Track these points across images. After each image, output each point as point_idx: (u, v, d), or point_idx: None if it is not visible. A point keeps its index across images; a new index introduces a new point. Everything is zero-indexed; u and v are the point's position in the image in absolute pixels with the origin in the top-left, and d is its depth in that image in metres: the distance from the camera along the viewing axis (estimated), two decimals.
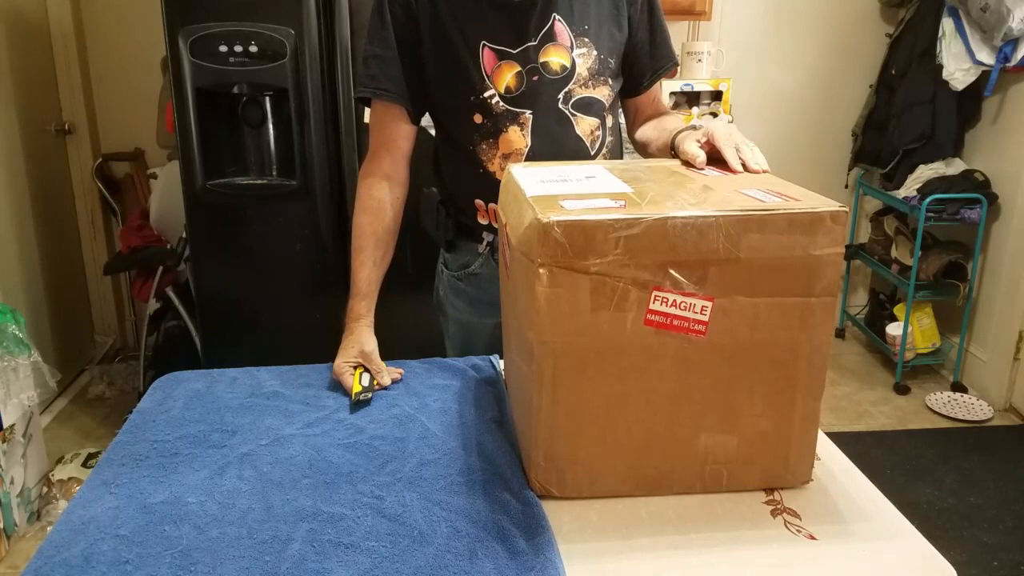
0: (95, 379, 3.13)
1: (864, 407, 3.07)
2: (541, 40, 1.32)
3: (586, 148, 1.37)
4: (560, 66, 1.33)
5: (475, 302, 1.48)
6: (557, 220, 0.84)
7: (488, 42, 1.32)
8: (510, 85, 1.32)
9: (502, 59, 1.32)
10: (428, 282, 1.63)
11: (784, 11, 3.37)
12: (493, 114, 1.34)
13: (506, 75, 1.32)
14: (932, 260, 3.10)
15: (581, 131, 1.36)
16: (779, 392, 0.93)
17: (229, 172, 2.31)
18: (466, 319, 1.51)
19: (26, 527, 2.26)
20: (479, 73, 1.32)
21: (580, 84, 1.35)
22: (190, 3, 2.14)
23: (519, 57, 1.32)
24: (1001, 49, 2.84)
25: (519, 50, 1.32)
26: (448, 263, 1.53)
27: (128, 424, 1.14)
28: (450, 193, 1.47)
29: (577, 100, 1.35)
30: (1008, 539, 2.26)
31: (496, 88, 1.32)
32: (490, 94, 1.33)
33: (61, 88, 3.12)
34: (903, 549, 0.89)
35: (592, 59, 1.35)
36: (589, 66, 1.34)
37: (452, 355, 1.55)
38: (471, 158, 1.37)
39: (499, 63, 1.32)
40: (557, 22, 1.32)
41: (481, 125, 1.35)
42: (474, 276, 1.47)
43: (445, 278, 1.54)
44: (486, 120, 1.34)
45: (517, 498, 0.94)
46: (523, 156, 1.35)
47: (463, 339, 1.54)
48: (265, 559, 0.85)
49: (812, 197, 0.91)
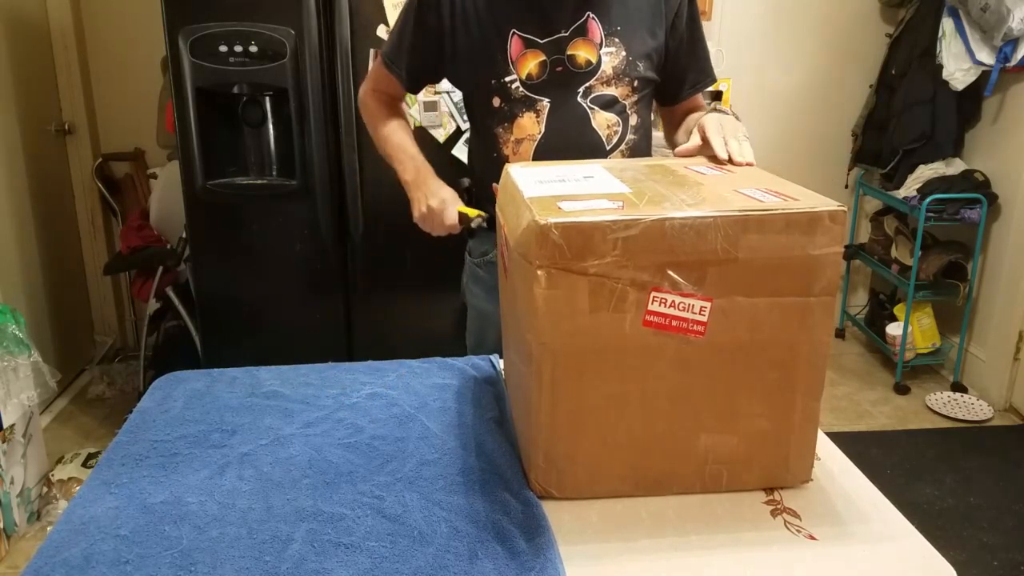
0: (95, 379, 3.13)
1: (864, 407, 3.07)
2: (572, 33, 1.36)
3: (601, 142, 1.39)
4: (585, 61, 1.37)
5: (492, 290, 1.49)
6: (555, 222, 0.84)
7: (518, 30, 1.36)
8: (532, 72, 1.36)
9: (529, 47, 1.36)
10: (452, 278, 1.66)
11: (784, 11, 3.37)
12: (511, 99, 1.38)
13: (530, 62, 1.36)
14: (932, 260, 3.10)
15: (597, 124, 1.38)
16: (779, 392, 0.93)
17: (229, 172, 2.31)
18: (483, 307, 1.54)
19: (26, 527, 2.26)
20: (504, 58, 1.36)
21: (603, 81, 1.38)
22: (190, 3, 2.14)
23: (546, 47, 1.36)
24: (1001, 49, 2.84)
25: (547, 40, 1.36)
26: (471, 250, 1.56)
27: (128, 424, 1.14)
28: (476, 179, 1.51)
29: (597, 96, 1.38)
30: (1008, 539, 2.26)
31: (518, 74, 1.37)
32: (511, 79, 1.37)
33: (61, 88, 3.12)
34: (903, 549, 0.89)
35: (620, 59, 1.38)
36: (615, 65, 1.38)
37: (470, 343, 1.60)
38: (488, 142, 1.42)
39: (525, 51, 1.36)
40: (591, 20, 1.36)
41: (499, 109, 1.39)
42: (492, 264, 1.50)
43: (468, 265, 1.58)
44: (504, 104, 1.38)
45: (517, 498, 0.94)
46: (535, 143, 1.38)
47: (479, 327, 1.56)
48: (265, 559, 0.85)
49: (811, 196, 0.91)
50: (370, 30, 2.20)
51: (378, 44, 2.21)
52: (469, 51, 1.38)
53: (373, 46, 2.21)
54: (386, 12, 2.19)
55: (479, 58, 1.38)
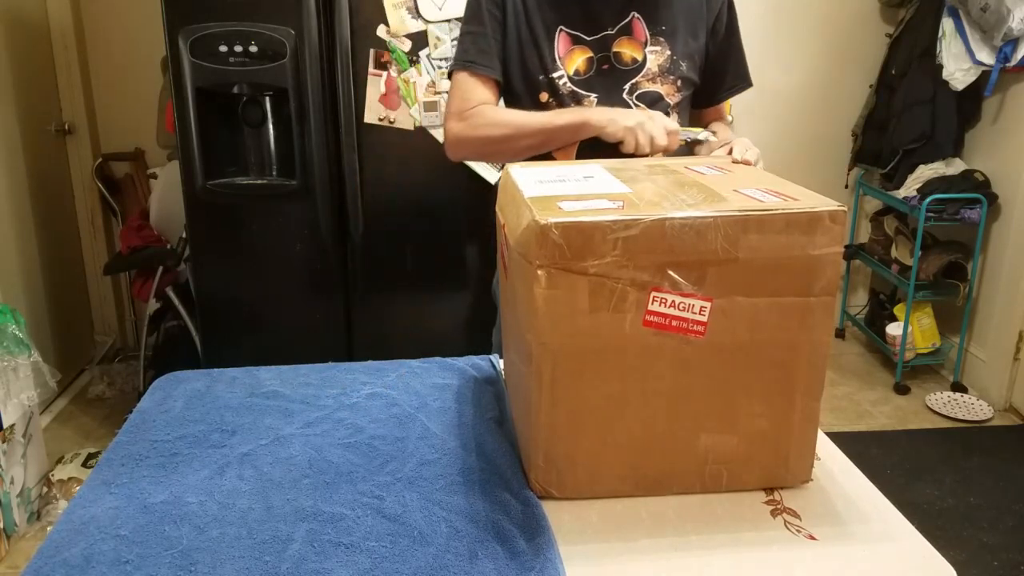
0: (95, 379, 3.13)
1: (864, 407, 3.07)
2: (618, 31, 1.39)
3: None
4: (631, 58, 1.40)
5: None
6: (555, 221, 0.84)
7: (565, 27, 1.39)
8: (579, 68, 1.40)
9: (576, 44, 1.39)
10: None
11: (784, 11, 3.37)
12: (559, 94, 1.41)
13: (577, 59, 1.40)
14: (932, 260, 3.10)
15: None
16: (778, 392, 0.93)
17: (229, 172, 2.31)
18: None
19: (26, 527, 2.26)
20: (551, 54, 1.39)
21: (648, 79, 1.41)
22: (190, 3, 2.14)
23: (593, 44, 1.40)
24: (1001, 49, 2.84)
25: (594, 38, 1.39)
26: None
27: (128, 424, 1.14)
28: None
29: (643, 93, 1.41)
30: (1008, 539, 2.26)
31: (565, 70, 1.40)
32: (559, 75, 1.40)
33: (61, 88, 3.12)
34: (903, 549, 0.89)
35: (664, 58, 1.41)
36: (660, 63, 1.41)
37: (496, 342, 1.55)
38: None
39: (572, 47, 1.40)
40: (636, 19, 1.39)
41: (546, 104, 1.42)
42: None
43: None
44: (551, 99, 1.41)
45: (517, 498, 0.94)
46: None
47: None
48: (265, 559, 0.85)
49: (811, 196, 0.91)
50: (370, 30, 2.20)
51: (378, 44, 2.21)
52: (519, 46, 1.41)
53: (373, 46, 2.21)
54: (386, 12, 2.19)
55: (528, 53, 1.40)
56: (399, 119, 2.26)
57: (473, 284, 2.39)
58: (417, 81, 2.24)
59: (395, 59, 2.22)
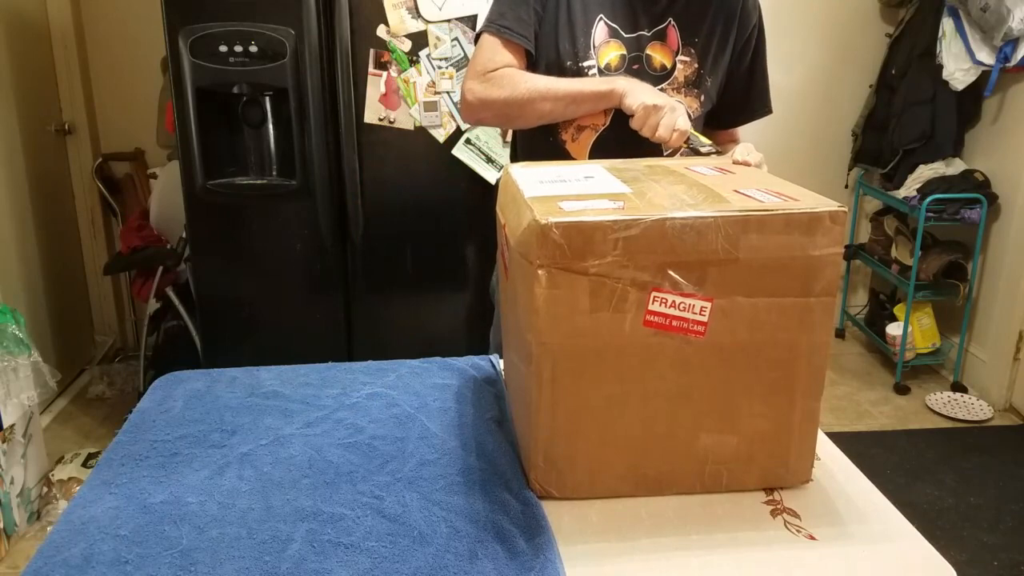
0: (95, 379, 3.13)
1: (864, 407, 3.07)
2: (653, 35, 1.39)
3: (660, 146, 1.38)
4: (660, 64, 1.40)
5: None
6: (555, 221, 0.84)
7: (606, 17, 1.38)
8: (611, 63, 1.39)
9: (613, 36, 1.38)
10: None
11: (784, 11, 3.37)
12: None
13: (610, 52, 1.38)
14: (932, 260, 3.10)
15: None
16: (779, 392, 0.93)
17: (229, 172, 2.31)
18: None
19: (26, 527, 2.26)
20: (586, 42, 1.38)
21: (674, 87, 1.41)
22: (190, 3, 2.14)
23: (629, 42, 1.39)
24: (1001, 49, 2.84)
25: (631, 36, 1.39)
26: None
27: (128, 424, 1.14)
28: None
29: None
30: (1008, 539, 2.26)
31: (597, 61, 1.38)
32: (590, 64, 1.38)
33: (61, 88, 3.12)
34: (903, 549, 0.89)
35: (692, 69, 1.41)
36: (687, 74, 1.41)
37: (493, 342, 1.56)
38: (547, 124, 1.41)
39: (609, 40, 1.38)
40: (671, 27, 1.39)
41: None
42: None
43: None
44: None
45: (517, 498, 0.94)
46: (597, 132, 1.39)
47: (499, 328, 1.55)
48: (265, 559, 0.85)
49: (811, 197, 0.91)
50: (370, 30, 2.20)
51: (378, 44, 2.21)
52: (555, 29, 1.38)
53: (373, 46, 2.21)
54: (386, 12, 2.19)
55: (562, 37, 1.38)
56: (399, 119, 2.26)
57: (473, 284, 2.39)
58: (417, 81, 2.24)
59: (395, 59, 2.23)
